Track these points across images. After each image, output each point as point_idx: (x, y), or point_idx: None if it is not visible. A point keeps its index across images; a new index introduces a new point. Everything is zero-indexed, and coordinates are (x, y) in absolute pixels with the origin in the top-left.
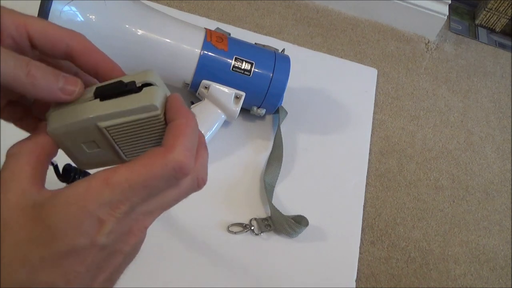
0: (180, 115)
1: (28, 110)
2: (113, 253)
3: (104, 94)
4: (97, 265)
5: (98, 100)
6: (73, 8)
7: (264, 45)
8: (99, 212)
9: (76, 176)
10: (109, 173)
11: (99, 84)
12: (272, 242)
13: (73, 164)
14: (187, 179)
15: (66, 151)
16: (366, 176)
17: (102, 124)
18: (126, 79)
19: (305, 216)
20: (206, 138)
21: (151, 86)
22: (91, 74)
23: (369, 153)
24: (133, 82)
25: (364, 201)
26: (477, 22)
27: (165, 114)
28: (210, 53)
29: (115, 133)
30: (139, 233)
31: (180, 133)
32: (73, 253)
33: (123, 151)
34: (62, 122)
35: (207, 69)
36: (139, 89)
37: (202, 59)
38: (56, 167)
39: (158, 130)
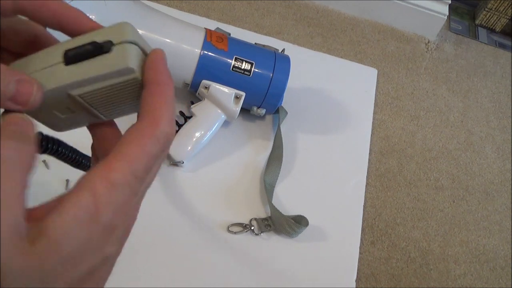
0: (161, 79)
1: None
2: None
3: (75, 58)
4: (93, 269)
5: (66, 64)
6: None
7: (264, 45)
8: (114, 219)
9: (49, 146)
10: (108, 171)
11: (69, 46)
12: (272, 242)
13: (43, 131)
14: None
15: (36, 117)
16: (366, 176)
17: (74, 92)
18: (99, 37)
19: (305, 216)
20: (206, 138)
21: (124, 45)
22: (55, 28)
23: (369, 153)
24: (109, 43)
25: (364, 201)
26: (477, 22)
27: (143, 72)
28: (210, 53)
29: (89, 99)
30: (132, 222)
31: (164, 101)
32: (90, 272)
33: (101, 113)
34: None
35: (207, 69)
36: (110, 48)
37: (202, 59)
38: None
39: (136, 89)
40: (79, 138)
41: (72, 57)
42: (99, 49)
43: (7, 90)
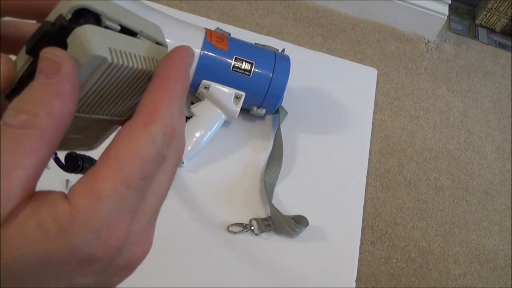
0: (169, 73)
1: None
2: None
3: (36, 50)
4: None
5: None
6: None
7: (264, 45)
8: (93, 244)
9: (85, 165)
10: (93, 180)
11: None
12: (272, 242)
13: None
14: (169, 157)
15: (59, 148)
16: (366, 176)
17: None
18: (52, 15)
19: (305, 216)
20: (206, 138)
21: (77, 28)
22: (31, 18)
23: (369, 153)
24: (62, 18)
25: (364, 201)
26: (477, 22)
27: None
28: (210, 53)
29: (85, 107)
30: (135, 255)
31: (166, 97)
32: None
33: (109, 115)
34: None
35: (207, 69)
36: (70, 29)
37: (202, 59)
38: (57, 159)
39: (141, 80)
40: None
41: (32, 49)
42: (51, 32)
43: None
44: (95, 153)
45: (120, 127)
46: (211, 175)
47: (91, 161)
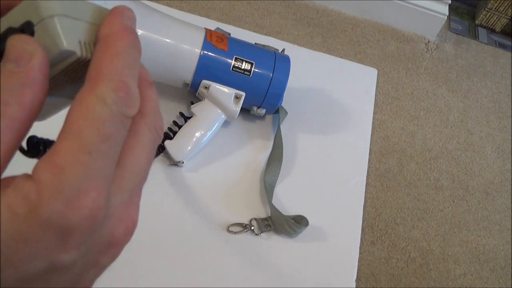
0: (110, 32)
1: None
2: (85, 270)
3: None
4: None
5: None
6: None
7: (264, 45)
8: (66, 215)
9: (47, 149)
10: (53, 153)
11: None
12: (272, 242)
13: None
14: (143, 130)
15: None
16: (366, 176)
17: None
18: (14, 20)
19: (305, 216)
20: (206, 138)
21: (47, 21)
22: None
23: (369, 153)
24: (29, 24)
25: (364, 201)
26: (477, 22)
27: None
28: (210, 53)
29: (56, 85)
30: (130, 223)
31: (108, 53)
32: (33, 278)
33: (60, 95)
34: None
35: (207, 69)
36: (32, 31)
37: (202, 59)
38: None
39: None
40: None
41: None
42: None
43: None
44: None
45: None
46: (211, 175)
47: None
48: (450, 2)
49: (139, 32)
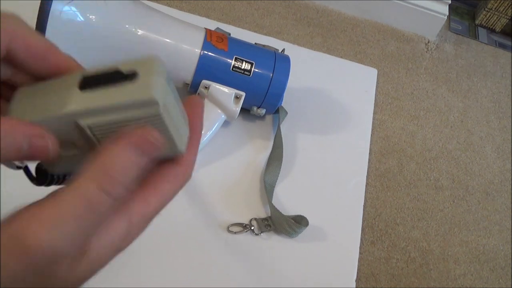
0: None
1: None
2: None
3: (92, 83)
4: None
5: (80, 90)
6: (73, 8)
7: (264, 45)
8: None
9: (55, 177)
10: (145, 206)
11: (88, 72)
12: (272, 242)
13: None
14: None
15: None
16: (366, 176)
17: (84, 121)
18: (124, 67)
19: (305, 216)
20: (206, 138)
21: (151, 76)
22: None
23: (369, 153)
24: (135, 73)
25: (364, 201)
26: (477, 22)
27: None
28: (210, 53)
29: (99, 132)
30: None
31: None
32: None
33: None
34: (32, 115)
35: (207, 69)
36: (133, 77)
37: (202, 59)
38: (26, 169)
39: (158, 128)
40: None
41: (89, 83)
42: (121, 77)
43: (21, 149)
44: None
45: None
46: (211, 175)
47: (63, 176)
48: (450, 2)
49: (139, 32)
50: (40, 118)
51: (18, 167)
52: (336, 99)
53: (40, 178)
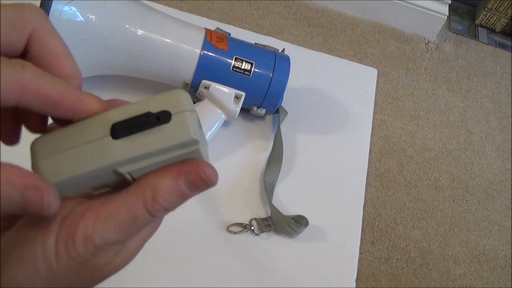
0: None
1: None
2: None
3: (125, 131)
4: None
5: (114, 138)
6: (73, 8)
7: (264, 45)
8: None
9: None
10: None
11: (116, 117)
12: (272, 242)
13: None
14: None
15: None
16: (366, 176)
17: (124, 169)
18: (152, 107)
19: (305, 216)
20: (206, 138)
21: (184, 114)
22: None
23: (369, 153)
24: (167, 113)
25: (364, 201)
26: (477, 22)
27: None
28: (210, 53)
29: (138, 173)
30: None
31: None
32: None
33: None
34: (64, 172)
35: (207, 69)
36: (167, 118)
37: (202, 59)
38: None
39: (194, 157)
40: None
41: (122, 130)
42: (154, 120)
43: (12, 200)
44: None
45: None
46: None
47: None
48: (450, 2)
49: (139, 32)
50: (79, 173)
51: None
52: (336, 99)
53: None
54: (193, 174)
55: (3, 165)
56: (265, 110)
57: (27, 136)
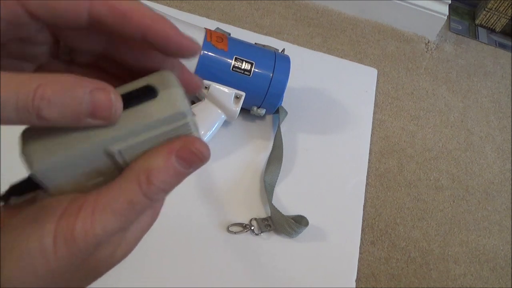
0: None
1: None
2: None
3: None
4: None
5: None
6: None
7: (264, 45)
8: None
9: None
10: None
11: (119, 91)
12: (272, 242)
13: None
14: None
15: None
16: (366, 176)
17: (115, 146)
18: (139, 86)
19: (305, 216)
20: (206, 138)
21: (169, 89)
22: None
23: (369, 153)
24: (154, 89)
25: (364, 201)
26: (477, 22)
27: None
28: (210, 53)
29: (128, 154)
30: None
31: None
32: None
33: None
34: (54, 151)
35: (207, 69)
36: (154, 94)
37: (202, 59)
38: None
39: (184, 133)
40: None
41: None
42: (142, 95)
43: (82, 105)
44: None
45: None
46: (211, 175)
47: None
48: (450, 2)
49: None
50: (67, 152)
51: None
52: (336, 99)
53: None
54: (184, 150)
55: (66, 75)
56: (265, 110)
57: None
